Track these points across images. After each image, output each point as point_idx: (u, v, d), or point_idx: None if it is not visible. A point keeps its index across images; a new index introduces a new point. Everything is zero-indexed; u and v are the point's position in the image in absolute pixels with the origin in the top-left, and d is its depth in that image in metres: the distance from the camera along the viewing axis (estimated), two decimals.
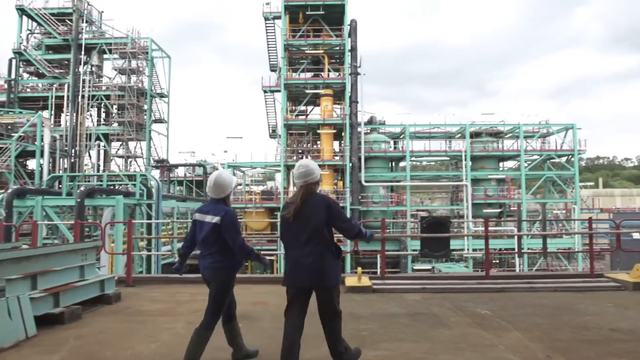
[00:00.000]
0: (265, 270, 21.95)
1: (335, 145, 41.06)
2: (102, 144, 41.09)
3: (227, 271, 4.13)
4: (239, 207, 38.35)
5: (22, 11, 40.00)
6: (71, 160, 38.29)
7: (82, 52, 39.85)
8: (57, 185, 25.90)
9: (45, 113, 39.09)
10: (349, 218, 4.27)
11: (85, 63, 40.84)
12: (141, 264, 23.56)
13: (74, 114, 38.71)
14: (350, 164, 36.09)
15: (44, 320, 5.44)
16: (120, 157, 42.23)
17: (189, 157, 47.27)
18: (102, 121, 43.18)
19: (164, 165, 42.16)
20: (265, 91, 40.69)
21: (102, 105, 41.91)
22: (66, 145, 38.56)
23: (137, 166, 42.41)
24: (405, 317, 6.02)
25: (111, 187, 26.30)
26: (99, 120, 43.34)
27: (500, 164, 42.28)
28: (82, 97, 39.25)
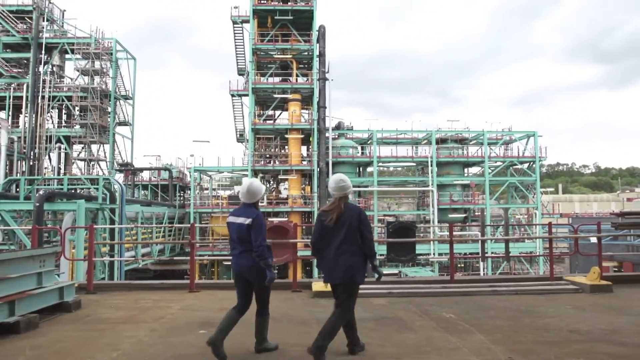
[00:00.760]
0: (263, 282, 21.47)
1: (303, 150, 41.14)
2: (63, 146, 39.83)
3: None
4: (205, 212, 37.87)
5: None
6: (30, 163, 37.00)
7: (43, 51, 38.62)
8: (15, 189, 24.94)
9: (2, 114, 37.69)
10: (372, 232, 4.83)
11: (46, 63, 39.61)
12: (103, 270, 22.91)
13: (34, 115, 37.45)
14: (318, 169, 36.19)
15: None
16: (83, 160, 41.03)
17: (155, 161, 46.29)
18: (63, 123, 41.95)
19: (128, 169, 41.13)
20: (233, 95, 40.40)
21: (63, 106, 40.71)
22: (24, 148, 37.24)
23: (100, 170, 41.40)
24: (371, 321, 6.04)
25: (72, 191, 25.51)
26: (60, 122, 42.12)
27: (465, 170, 43.28)
28: (42, 97, 38.06)
